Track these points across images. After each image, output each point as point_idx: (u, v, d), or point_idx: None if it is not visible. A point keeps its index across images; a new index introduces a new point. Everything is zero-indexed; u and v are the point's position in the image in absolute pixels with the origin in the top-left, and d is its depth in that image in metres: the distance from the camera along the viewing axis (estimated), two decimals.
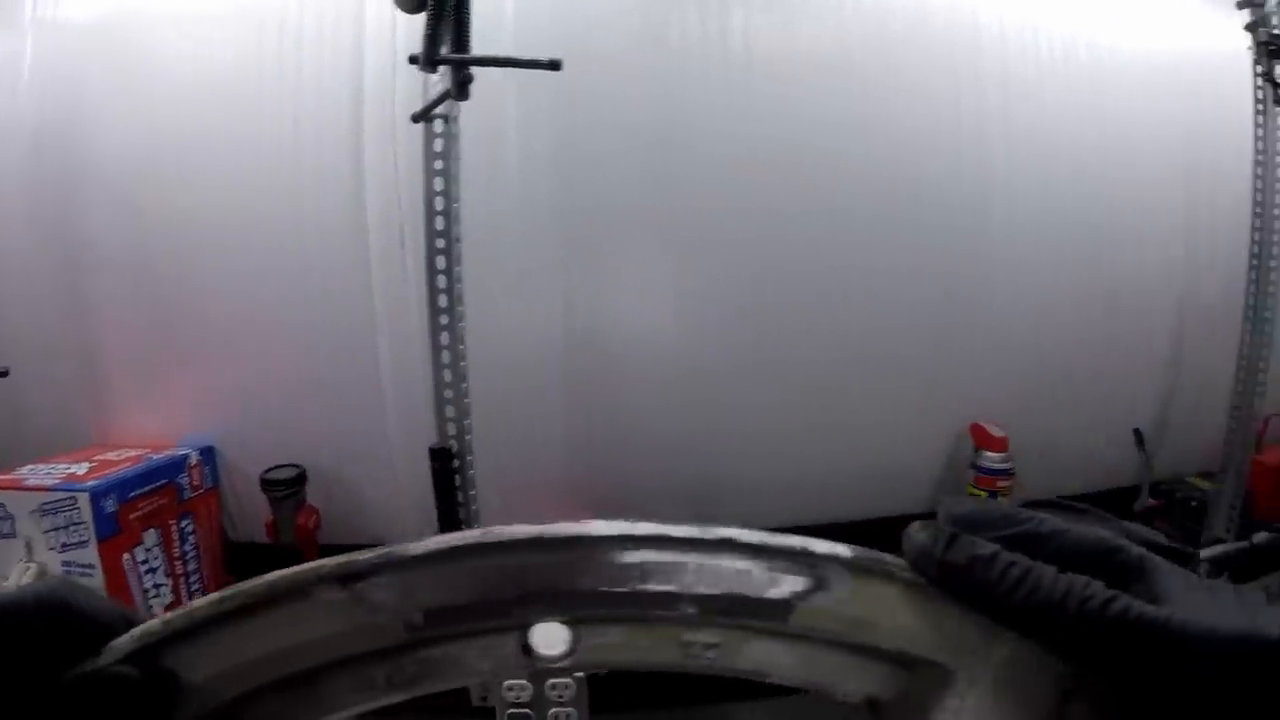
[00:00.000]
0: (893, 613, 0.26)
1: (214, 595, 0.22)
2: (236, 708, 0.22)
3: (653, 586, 0.24)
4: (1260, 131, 1.29)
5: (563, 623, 0.24)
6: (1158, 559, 0.25)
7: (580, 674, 1.06)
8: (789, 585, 0.25)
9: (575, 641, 0.25)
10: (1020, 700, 0.26)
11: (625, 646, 0.25)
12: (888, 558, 0.26)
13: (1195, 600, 0.23)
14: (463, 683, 0.24)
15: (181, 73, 1.18)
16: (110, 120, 1.18)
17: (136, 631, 0.21)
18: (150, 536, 1.17)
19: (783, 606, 0.25)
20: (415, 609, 0.22)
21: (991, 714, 0.26)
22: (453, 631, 0.23)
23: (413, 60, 1.03)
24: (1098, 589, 0.23)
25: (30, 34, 1.18)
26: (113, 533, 1.12)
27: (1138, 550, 0.25)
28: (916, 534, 0.26)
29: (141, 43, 1.17)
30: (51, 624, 0.20)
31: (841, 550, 0.25)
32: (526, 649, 0.24)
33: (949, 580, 0.25)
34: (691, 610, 0.25)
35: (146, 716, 0.21)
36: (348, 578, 0.22)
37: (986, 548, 0.25)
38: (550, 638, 0.24)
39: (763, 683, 0.28)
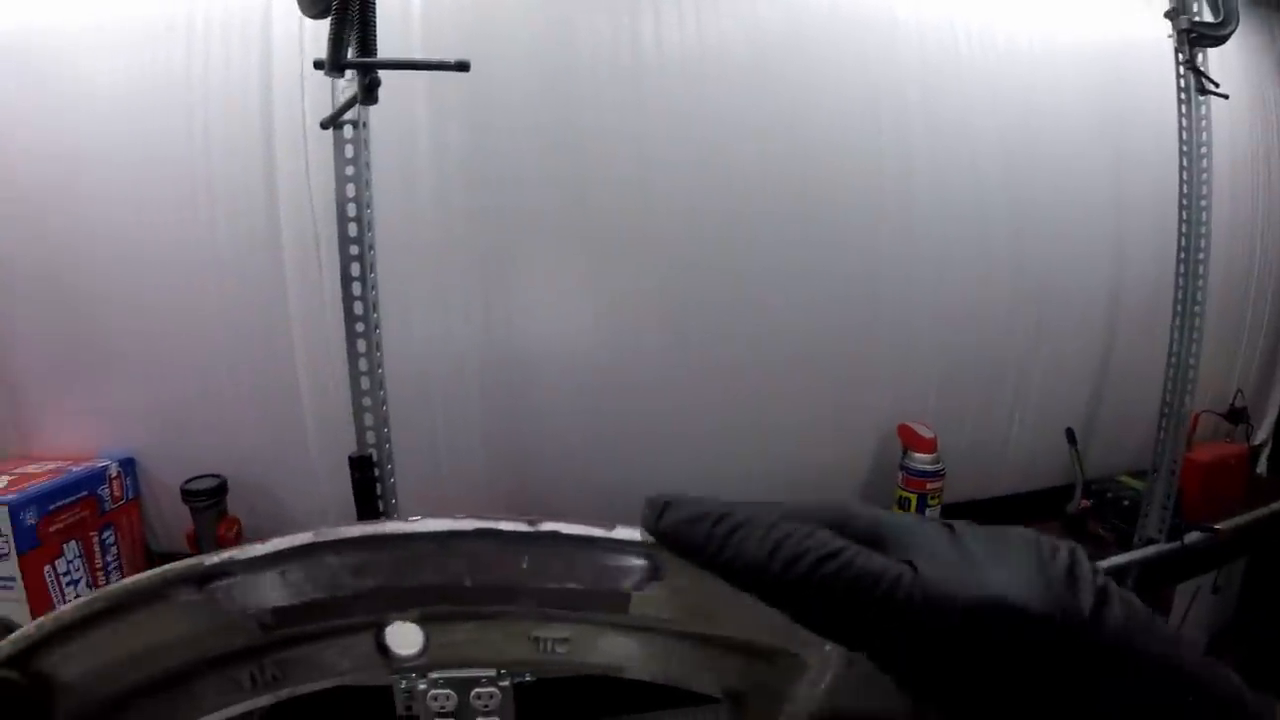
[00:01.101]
0: (734, 601, 0.26)
1: (80, 599, 0.22)
2: (113, 709, 0.23)
3: (488, 581, 0.25)
4: (1184, 121, 1.28)
5: (414, 621, 0.25)
6: (893, 518, 0.21)
7: (505, 683, 1.07)
8: (625, 575, 0.25)
9: (427, 640, 0.25)
10: (874, 680, 0.26)
11: (476, 643, 0.26)
12: None
13: (938, 560, 0.19)
14: (325, 683, 0.25)
15: (88, 86, 1.16)
16: (18, 137, 1.16)
17: (12, 637, 0.22)
18: (71, 549, 1.17)
19: (620, 597, 0.25)
20: (265, 608, 0.23)
21: (843, 697, 0.26)
22: (308, 631, 0.24)
23: (318, 65, 1.01)
24: (815, 545, 0.20)
25: None
26: (33, 545, 1.11)
27: (870, 514, 0.22)
28: (644, 509, 0.24)
29: (48, 58, 1.15)
30: None
31: None
32: (382, 648, 0.25)
33: (672, 547, 0.23)
34: (530, 604, 0.25)
35: (25, 717, 0.21)
36: (201, 578, 0.22)
37: (693, 509, 0.22)
38: (403, 637, 0.25)
39: (687, 691, 0.28)
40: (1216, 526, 1.41)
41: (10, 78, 1.17)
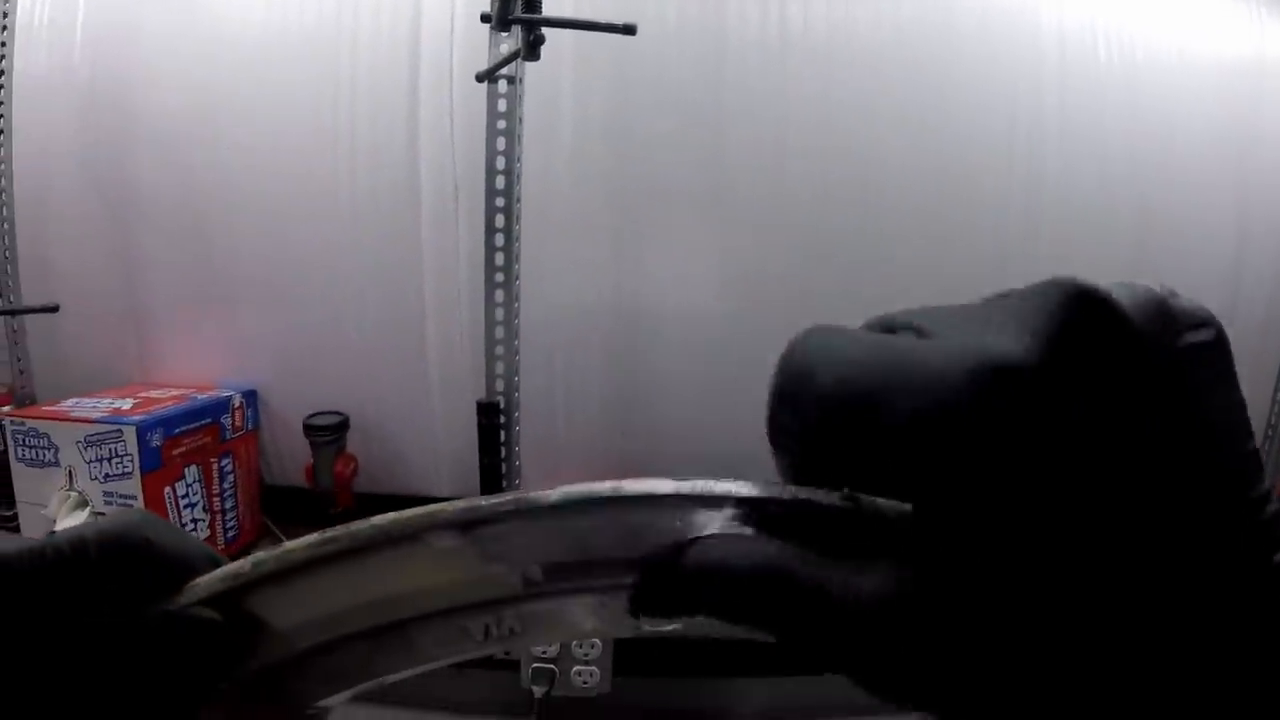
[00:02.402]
0: None
1: (313, 537, 0.20)
2: (319, 653, 0.21)
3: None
4: None
5: None
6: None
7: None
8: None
9: None
10: None
11: None
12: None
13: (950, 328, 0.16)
14: (563, 639, 0.23)
15: (235, 27, 1.20)
16: (162, 74, 1.20)
17: (221, 572, 0.20)
18: (191, 472, 1.20)
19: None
20: (536, 562, 0.21)
21: None
22: (567, 587, 0.21)
23: (485, 18, 1.04)
24: None
25: None
26: (156, 466, 1.14)
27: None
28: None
29: None
30: (123, 562, 0.19)
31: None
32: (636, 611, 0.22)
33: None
34: None
35: (224, 661, 0.19)
36: (469, 524, 0.20)
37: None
38: None
39: (773, 659, 0.25)
40: None
41: (160, 15, 1.20)
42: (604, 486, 0.20)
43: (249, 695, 0.21)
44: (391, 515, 0.20)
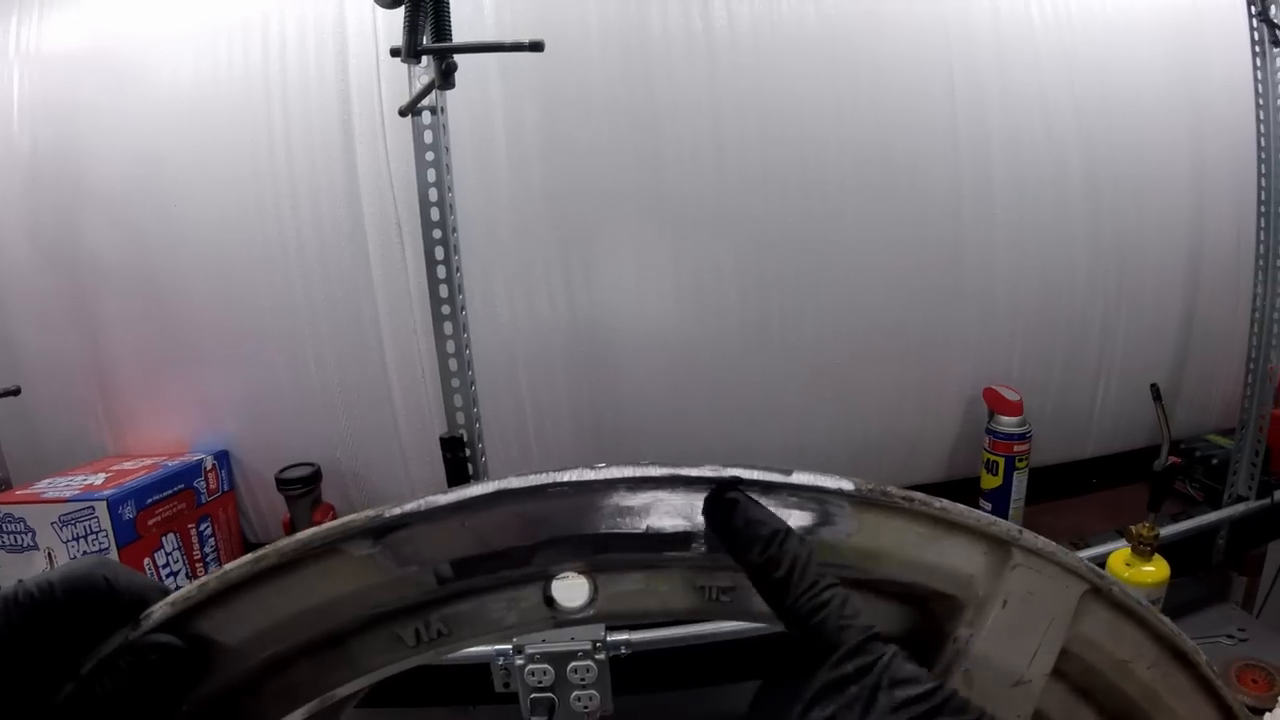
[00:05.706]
0: (900, 544, 0.26)
1: (248, 556, 0.22)
2: (269, 673, 0.22)
3: (666, 525, 0.24)
4: (1259, 74, 1.26)
5: (581, 573, 0.25)
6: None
7: (601, 657, 1.07)
8: (797, 520, 0.25)
9: (595, 591, 0.25)
10: (1029, 625, 0.26)
11: (643, 594, 0.25)
12: (893, 489, 0.26)
13: None
14: (487, 639, 0.25)
15: (171, 90, 1.19)
16: (104, 142, 1.19)
17: (171, 598, 0.21)
18: (170, 541, 1.19)
19: None
20: (444, 559, 0.22)
21: (1002, 638, 0.26)
22: (479, 584, 0.23)
23: (394, 53, 1.03)
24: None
25: (17, 66, 1.20)
26: (132, 539, 1.14)
27: None
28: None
29: (128, 64, 1.18)
30: (84, 601, 0.20)
31: (846, 484, 0.25)
32: (549, 601, 0.24)
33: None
34: (704, 548, 0.25)
35: (182, 682, 0.21)
36: (379, 531, 0.22)
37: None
38: (570, 589, 0.25)
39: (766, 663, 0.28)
40: None
41: (94, 83, 1.20)
42: (490, 485, 0.22)
43: (208, 717, 0.22)
44: (311, 530, 0.21)
